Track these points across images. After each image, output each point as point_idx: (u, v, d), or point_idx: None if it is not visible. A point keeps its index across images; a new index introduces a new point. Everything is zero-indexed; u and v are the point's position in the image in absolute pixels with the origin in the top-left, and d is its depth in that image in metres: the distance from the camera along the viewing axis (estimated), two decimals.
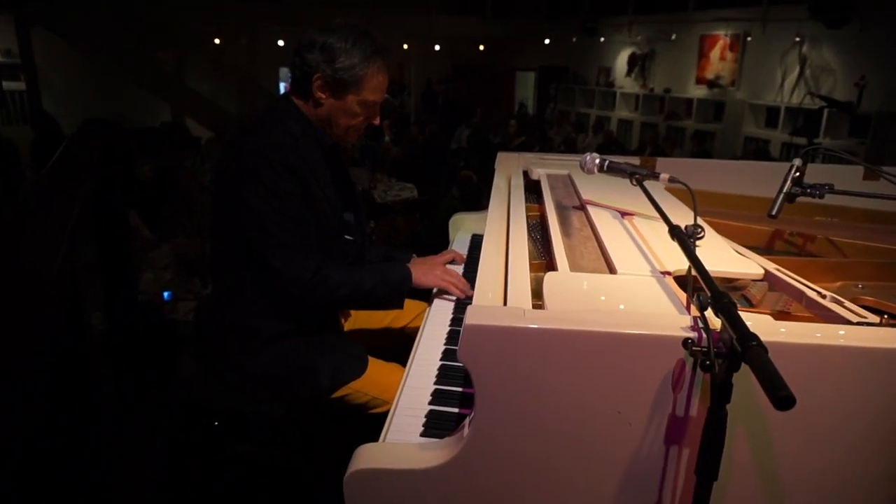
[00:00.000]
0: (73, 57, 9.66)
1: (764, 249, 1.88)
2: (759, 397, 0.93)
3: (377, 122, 1.70)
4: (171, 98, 10.19)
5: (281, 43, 11.94)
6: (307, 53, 1.56)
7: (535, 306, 1.20)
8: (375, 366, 1.67)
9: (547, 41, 12.10)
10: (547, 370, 0.95)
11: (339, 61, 1.54)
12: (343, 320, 1.92)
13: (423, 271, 1.76)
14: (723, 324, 0.84)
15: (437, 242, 2.59)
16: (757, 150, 7.57)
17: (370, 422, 1.62)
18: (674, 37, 9.70)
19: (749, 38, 8.50)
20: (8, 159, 6.49)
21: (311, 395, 1.61)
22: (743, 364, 0.79)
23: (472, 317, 0.94)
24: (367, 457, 1.03)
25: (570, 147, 8.69)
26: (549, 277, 1.17)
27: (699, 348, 0.87)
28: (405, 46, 12.90)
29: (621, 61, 10.99)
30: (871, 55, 6.89)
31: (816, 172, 1.74)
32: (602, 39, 11.41)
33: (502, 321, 0.93)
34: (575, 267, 1.30)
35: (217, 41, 11.15)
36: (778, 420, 0.92)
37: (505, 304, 1.21)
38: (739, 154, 8.06)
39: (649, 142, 8.46)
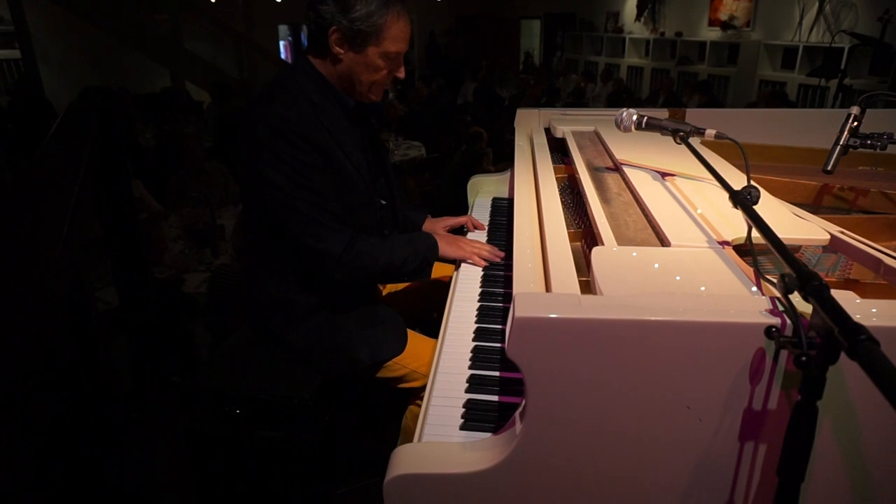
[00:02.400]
0: (68, 23, 9.40)
1: (812, 206, 1.76)
2: (849, 387, 0.83)
3: (402, 74, 1.56)
4: (170, 62, 9.93)
5: (278, 0, 11.60)
6: (320, 5, 1.44)
7: (580, 283, 1.10)
8: (414, 339, 1.62)
9: None
10: (607, 364, 0.84)
11: (356, 10, 1.42)
12: (382, 287, 1.88)
13: (447, 242, 1.70)
14: (814, 310, 0.73)
15: (449, 202, 2.47)
16: (773, 94, 7.31)
17: (403, 394, 1.57)
18: None
19: None
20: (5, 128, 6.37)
21: (353, 369, 1.57)
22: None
23: (522, 308, 0.83)
24: (408, 460, 0.94)
25: (579, 97, 8.43)
26: (596, 254, 1.06)
27: (787, 339, 0.76)
28: None
29: (630, 5, 10.57)
30: None
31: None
32: None
33: (557, 312, 0.83)
34: (622, 239, 1.19)
35: (213, 0, 10.83)
36: (872, 414, 0.82)
37: (548, 285, 1.10)
38: (753, 98, 7.78)
39: (662, 89, 8.18)
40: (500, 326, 1.40)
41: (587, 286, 1.09)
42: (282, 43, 13.62)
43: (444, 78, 9.70)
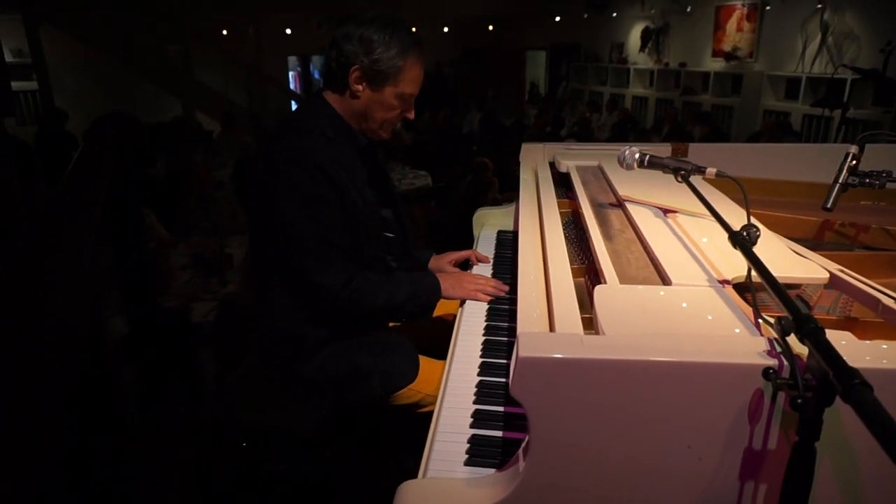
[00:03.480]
0: (82, 54, 9.62)
1: (813, 242, 1.78)
2: (845, 427, 0.84)
3: (412, 116, 1.63)
4: (181, 92, 10.12)
5: (288, 31, 11.84)
6: (345, 45, 1.50)
7: (583, 319, 1.12)
8: (426, 364, 1.64)
9: (557, 18, 11.85)
10: (609, 403, 0.86)
11: (378, 52, 1.49)
12: None
13: (451, 283, 1.73)
14: (810, 351, 0.75)
15: (456, 231, 2.50)
16: (777, 124, 7.36)
17: (418, 421, 1.58)
18: (689, 8, 9.43)
19: (767, 8, 8.24)
20: (24, 160, 6.47)
21: (366, 399, 1.58)
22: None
23: (526, 348, 0.86)
24: (413, 497, 0.95)
25: (584, 127, 8.51)
26: (599, 293, 1.08)
27: (784, 381, 0.78)
28: (413, 29, 12.72)
29: (634, 36, 10.74)
30: None
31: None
32: (614, 15, 11.15)
33: (560, 352, 0.85)
34: (624, 277, 1.21)
35: (224, 32, 11.05)
36: (869, 453, 0.83)
37: (551, 323, 1.13)
38: (757, 128, 7.85)
39: (667, 119, 8.26)
40: (504, 361, 1.42)
41: (590, 323, 1.11)
42: (291, 73, 13.86)
43: (449, 107, 9.83)
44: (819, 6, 7.47)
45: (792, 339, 0.80)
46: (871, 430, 0.62)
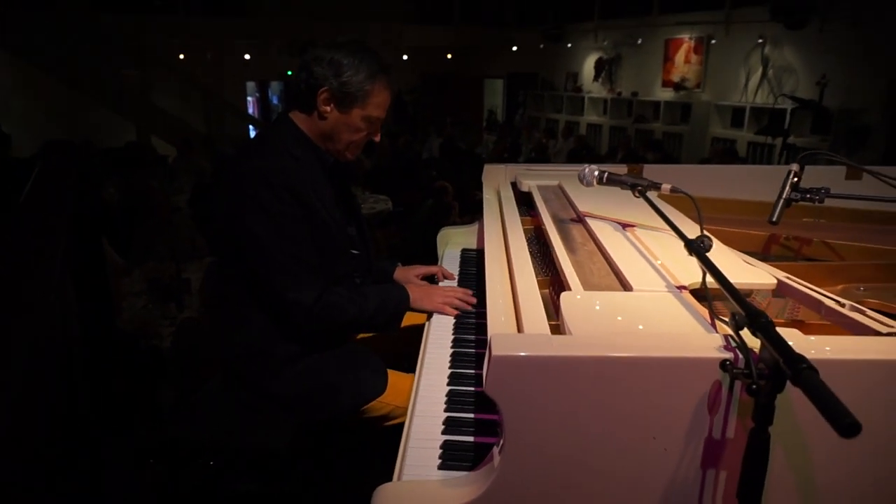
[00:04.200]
0: (32, 77, 9.39)
1: (761, 255, 1.88)
2: (796, 414, 0.90)
3: (378, 138, 1.68)
4: (136, 117, 9.95)
5: (247, 57, 11.81)
6: (315, 66, 1.55)
7: (550, 326, 1.17)
8: (393, 377, 1.66)
9: (514, 48, 12.18)
10: (578, 398, 0.91)
11: (347, 75, 1.54)
12: None
13: (420, 295, 1.76)
14: (762, 344, 0.81)
15: (417, 255, 2.55)
16: (724, 150, 7.70)
17: (388, 434, 1.59)
18: (639, 41, 9.85)
19: (713, 41, 8.66)
20: None
21: (335, 414, 1.59)
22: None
23: (499, 347, 0.90)
24: (389, 498, 0.97)
25: (542, 152, 8.73)
26: (565, 299, 1.14)
27: (740, 370, 0.84)
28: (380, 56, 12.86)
29: (588, 66, 11.11)
30: (831, 54, 7.07)
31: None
32: (569, 45, 11.53)
33: (531, 350, 0.89)
34: (588, 285, 1.27)
35: (182, 56, 10.97)
36: (817, 437, 0.90)
37: (520, 328, 1.17)
38: (706, 154, 8.19)
39: (621, 146, 8.54)
40: (473, 371, 1.46)
41: (556, 330, 1.16)
42: (249, 98, 13.81)
43: (409, 133, 9.94)
44: (760, 41, 7.90)
45: (745, 334, 0.86)
46: (819, 407, 0.68)
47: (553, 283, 1.53)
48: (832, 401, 0.67)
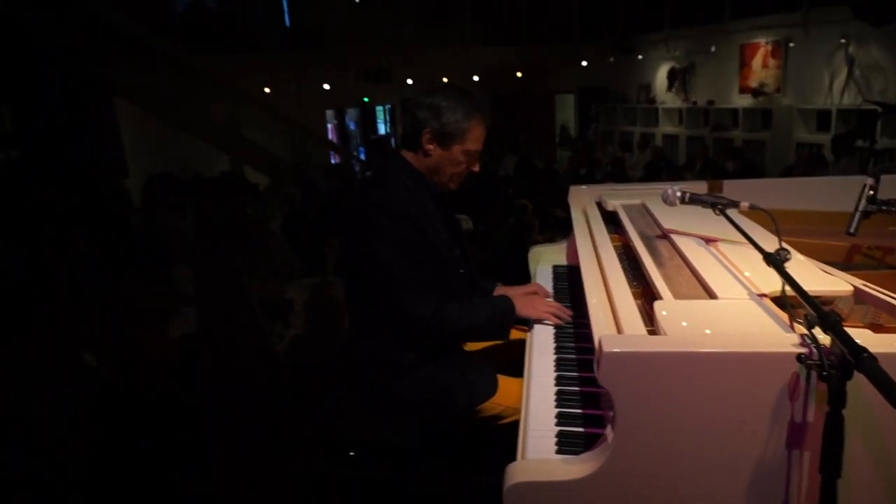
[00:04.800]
0: (133, 114, 10.24)
1: (843, 264, 1.98)
2: (868, 398, 1.06)
3: (477, 168, 1.93)
4: (228, 148, 10.66)
5: (326, 87, 12.46)
6: (417, 111, 1.82)
7: (646, 331, 1.36)
8: (503, 381, 1.88)
9: (584, 63, 12.27)
10: (677, 388, 1.10)
11: (445, 116, 1.80)
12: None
13: (524, 303, 1.95)
14: (832, 339, 0.98)
15: (500, 272, 2.76)
16: (811, 156, 7.51)
17: (500, 433, 1.81)
18: (713, 48, 9.74)
19: (791, 44, 8.49)
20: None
21: (453, 414, 1.82)
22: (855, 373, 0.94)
23: (608, 344, 1.11)
24: (522, 471, 1.19)
25: (618, 166, 8.78)
26: (658, 306, 1.33)
27: (813, 362, 1.01)
28: (444, 80, 13.30)
29: (661, 77, 11.07)
30: None
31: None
32: (640, 57, 11.52)
33: (635, 347, 1.10)
34: (678, 294, 1.45)
35: (266, 90, 11.71)
36: (886, 416, 1.05)
37: (619, 331, 1.37)
38: (791, 161, 8.00)
39: (699, 156, 8.47)
40: (576, 373, 1.66)
41: (651, 334, 1.35)
42: (329, 126, 14.52)
43: (484, 153, 10.18)
44: (843, 41, 7.68)
45: (818, 332, 1.03)
46: (879, 389, 0.85)
47: (644, 293, 1.71)
48: (889, 383, 0.84)
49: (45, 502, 3.41)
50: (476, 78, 12.73)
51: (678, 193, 1.84)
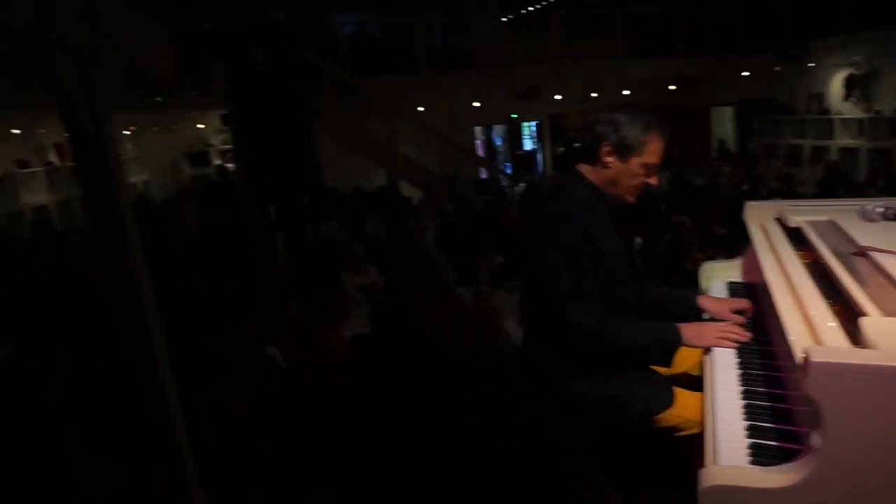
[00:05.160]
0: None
1: None
2: None
3: (654, 181, 1.97)
4: (387, 163, 11.28)
5: (476, 104, 12.84)
6: (597, 126, 1.91)
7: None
8: (679, 393, 1.90)
9: (745, 73, 11.59)
10: (889, 402, 1.09)
11: (625, 130, 1.87)
12: None
13: (693, 333, 1.90)
14: None
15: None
16: None
17: (675, 444, 1.83)
18: None
19: None
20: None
21: (629, 421, 1.87)
22: None
23: (816, 355, 1.12)
24: (719, 476, 1.23)
25: (786, 181, 8.18)
26: (866, 323, 1.30)
27: None
28: (593, 95, 13.16)
29: (836, 85, 10.17)
30: None
31: None
32: (811, 64, 10.68)
33: (849, 359, 1.10)
34: (886, 312, 1.40)
35: (420, 108, 12.30)
36: None
37: (818, 344, 1.35)
38: None
39: (884, 170, 7.68)
40: (764, 389, 1.64)
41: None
42: (477, 141, 14.92)
43: None
44: None
45: None
46: None
47: (842, 311, 1.66)
48: None
49: (240, 475, 3.87)
50: (627, 92, 12.48)
51: (879, 209, 1.77)
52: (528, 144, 16.37)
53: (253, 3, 9.42)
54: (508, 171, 14.94)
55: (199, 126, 13.30)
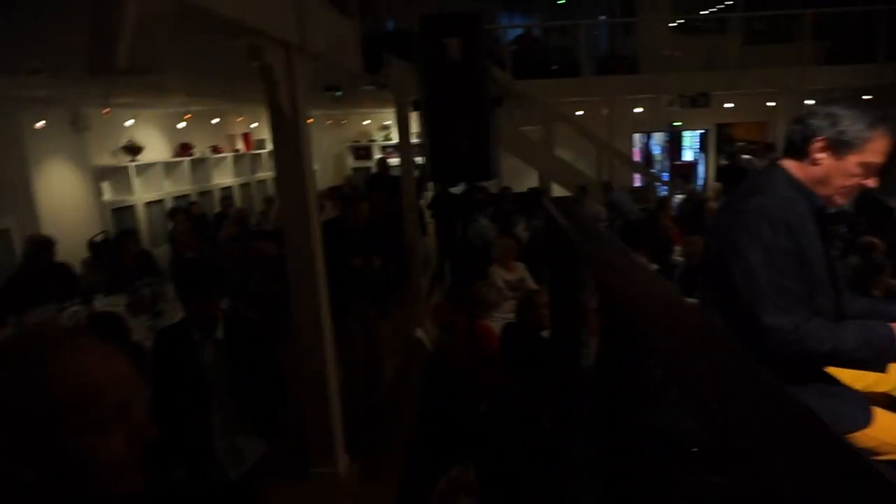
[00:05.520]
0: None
1: None
2: None
3: (872, 183, 1.76)
4: (541, 165, 11.25)
5: (638, 110, 12.43)
6: (811, 119, 1.75)
7: None
8: (882, 415, 1.72)
9: None
10: None
11: (844, 124, 1.70)
12: None
13: None
14: None
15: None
16: None
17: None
18: None
19: None
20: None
21: None
22: None
23: None
24: None
25: None
26: None
27: None
28: (770, 104, 12.20)
29: None
30: None
31: None
32: None
33: None
34: None
35: (580, 112, 12.13)
36: None
37: None
38: None
39: None
40: None
41: None
42: (635, 149, 14.43)
43: None
44: None
45: None
46: None
47: None
48: None
49: (382, 447, 4.11)
50: (810, 102, 11.42)
51: None
52: (688, 155, 15.55)
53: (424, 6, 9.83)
54: (666, 177, 14.29)
55: (365, 122, 14.17)
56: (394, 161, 10.62)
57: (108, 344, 0.88)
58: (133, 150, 8.07)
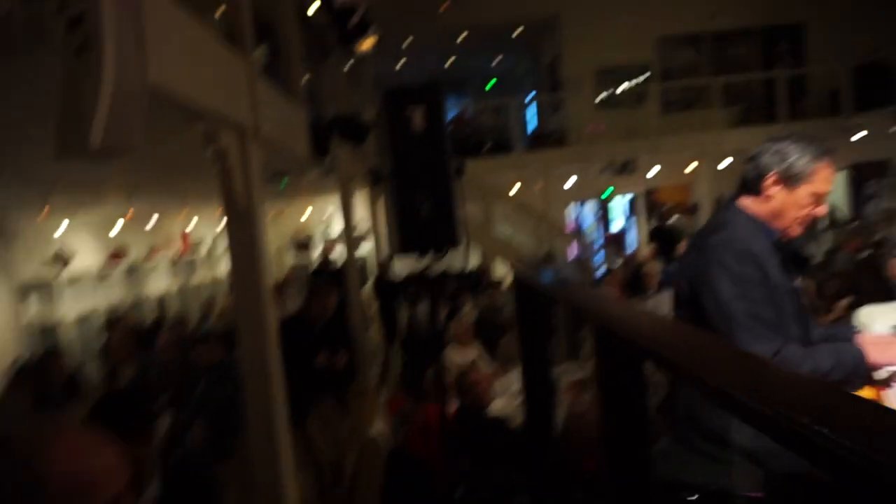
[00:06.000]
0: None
1: None
2: None
3: (821, 212, 1.90)
4: (482, 243, 11.32)
5: (573, 178, 12.76)
6: (761, 157, 1.87)
7: None
8: None
9: (857, 136, 11.06)
10: None
11: (792, 158, 1.82)
12: None
13: (879, 349, 1.77)
14: None
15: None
16: None
17: None
18: None
19: None
20: None
21: (796, 470, 1.73)
22: None
23: None
24: None
25: None
26: None
27: None
28: (695, 164, 12.86)
29: None
30: None
31: None
32: None
33: None
34: None
35: (518, 184, 12.44)
36: None
37: None
38: None
39: None
40: None
41: None
42: (569, 219, 14.85)
43: None
44: None
45: None
46: None
47: None
48: None
49: None
50: (730, 159, 12.16)
51: None
52: (619, 223, 16.05)
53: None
54: (599, 251, 14.61)
55: (306, 214, 14.02)
56: (335, 254, 10.56)
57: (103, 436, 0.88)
58: (63, 259, 7.68)
